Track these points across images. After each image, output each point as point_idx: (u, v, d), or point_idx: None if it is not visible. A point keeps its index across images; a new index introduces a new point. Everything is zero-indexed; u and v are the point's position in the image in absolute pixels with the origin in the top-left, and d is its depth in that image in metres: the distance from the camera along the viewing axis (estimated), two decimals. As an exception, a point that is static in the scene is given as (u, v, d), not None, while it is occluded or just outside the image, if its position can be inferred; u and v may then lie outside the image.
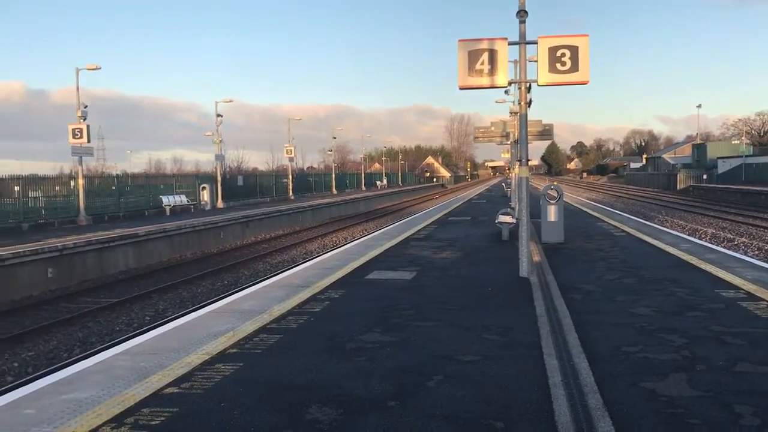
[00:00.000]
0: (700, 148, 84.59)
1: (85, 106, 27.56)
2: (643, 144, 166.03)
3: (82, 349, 11.32)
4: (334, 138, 70.24)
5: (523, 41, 10.29)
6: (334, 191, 63.88)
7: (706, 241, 20.36)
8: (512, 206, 22.87)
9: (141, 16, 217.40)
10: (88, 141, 27.63)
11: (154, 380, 5.59)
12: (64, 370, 6.14)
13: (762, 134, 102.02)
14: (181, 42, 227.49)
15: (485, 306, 8.58)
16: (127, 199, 33.37)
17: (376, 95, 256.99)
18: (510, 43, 10.23)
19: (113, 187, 33.76)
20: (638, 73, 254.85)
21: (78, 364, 6.36)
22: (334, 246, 24.59)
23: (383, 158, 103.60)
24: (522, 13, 10.17)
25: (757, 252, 20.13)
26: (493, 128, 23.87)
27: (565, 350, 6.30)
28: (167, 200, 34.74)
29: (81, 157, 28.09)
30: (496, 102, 27.17)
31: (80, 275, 18.63)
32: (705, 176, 68.44)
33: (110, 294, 16.55)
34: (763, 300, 8.32)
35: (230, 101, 41.50)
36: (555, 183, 19.81)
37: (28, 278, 16.86)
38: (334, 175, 66.54)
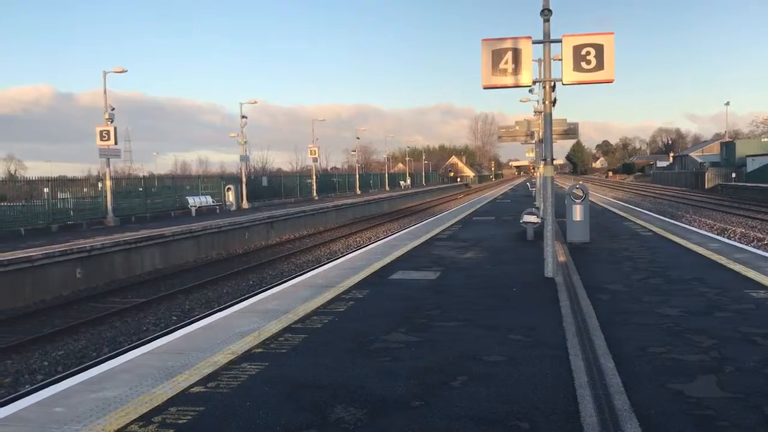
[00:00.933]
0: (728, 146, 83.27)
1: (112, 109, 27.96)
2: (670, 142, 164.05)
3: (110, 349, 11.48)
4: (358, 138, 70.45)
5: (547, 40, 10.23)
6: (358, 191, 64.01)
7: (735, 240, 20.05)
8: (537, 206, 22.72)
9: (164, 19, 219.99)
10: (115, 143, 28.03)
11: (181, 379, 5.65)
12: (92, 369, 6.24)
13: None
14: (204, 44, 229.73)
15: (510, 306, 8.54)
16: (154, 200, 33.79)
17: (399, 95, 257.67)
18: (534, 42, 10.18)
19: (140, 189, 34.23)
20: (665, 70, 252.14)
21: (106, 363, 6.45)
22: (358, 246, 24.65)
23: (407, 158, 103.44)
24: (546, 12, 10.12)
25: (787, 251, 19.78)
26: (517, 127, 23.71)
27: (591, 351, 6.25)
28: (193, 201, 35.10)
29: (108, 158, 28.49)
30: (521, 101, 27.08)
31: (108, 275, 18.89)
32: (734, 175, 67.33)
33: (137, 294, 16.75)
34: (794, 300, 8.18)
35: (254, 102, 41.83)
36: (580, 182, 19.64)
37: (58, 278, 17.13)
38: (357, 176, 66.67)
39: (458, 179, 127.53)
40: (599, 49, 9.91)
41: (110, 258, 19.22)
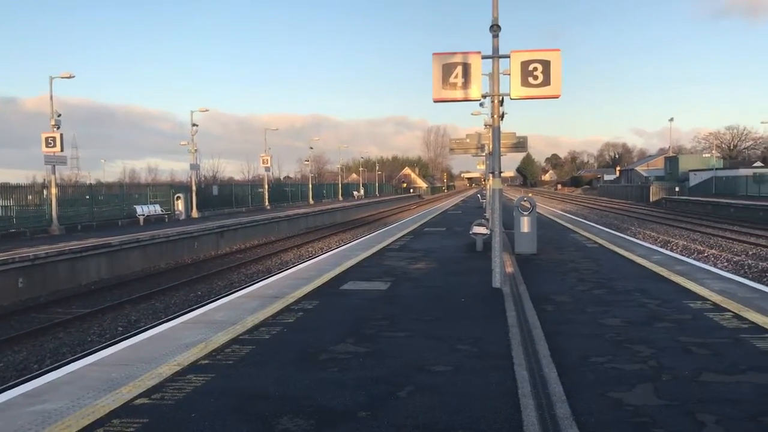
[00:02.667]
0: (672, 161, 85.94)
1: (59, 115, 27.34)
2: (617, 156, 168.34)
3: (52, 360, 11.18)
4: (311, 148, 70.44)
5: (496, 55, 10.43)
6: (311, 201, 63.81)
7: (677, 252, 20.67)
8: (487, 217, 23.01)
9: (115, 23, 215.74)
10: (62, 150, 27.40)
11: (125, 391, 5.56)
12: (33, 381, 6.09)
13: (732, 148, 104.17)
14: (156, 50, 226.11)
15: (458, 316, 8.65)
16: (101, 208, 33.05)
17: (353, 106, 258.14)
18: (483, 57, 10.36)
19: (87, 197, 33.40)
20: (614, 86, 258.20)
21: (48, 375, 6.31)
22: (309, 256, 24.56)
23: (360, 168, 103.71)
24: (495, 28, 10.33)
25: (725, 263, 20.51)
26: (468, 140, 24.01)
27: (535, 360, 6.38)
28: (141, 210, 34.50)
29: (54, 165, 27.82)
30: (472, 114, 27.45)
31: (52, 285, 18.40)
32: (677, 189, 69.48)
33: (82, 304, 16.35)
34: (728, 311, 8.49)
35: (206, 110, 41.43)
36: (529, 194, 20.00)
37: (-2, 288, 16.61)
38: (311, 185, 66.46)
39: (411, 190, 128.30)
40: (546, 65, 10.15)
41: (54, 267, 18.72)
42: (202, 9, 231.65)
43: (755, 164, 79.71)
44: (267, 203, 52.30)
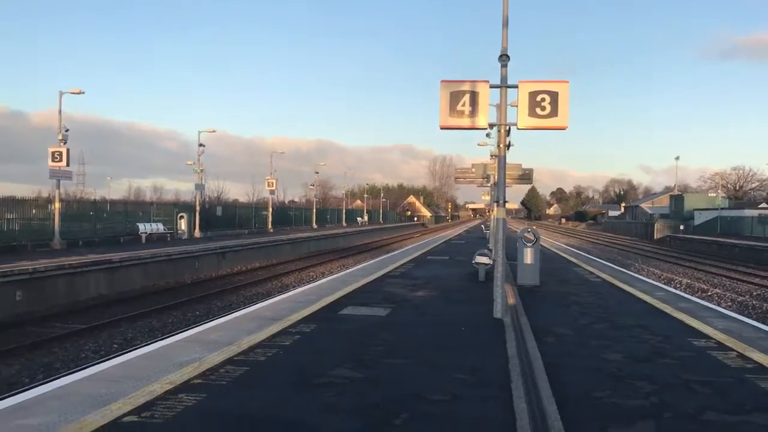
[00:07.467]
0: (677, 199, 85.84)
1: (66, 130, 27.48)
2: (622, 193, 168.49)
3: (45, 375, 11.04)
4: (317, 173, 70.55)
5: (504, 85, 10.43)
6: (315, 226, 63.78)
7: (680, 290, 20.48)
8: (490, 248, 22.92)
9: (125, 42, 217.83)
10: (68, 165, 27.47)
11: (114, 408, 5.45)
12: (21, 394, 5.99)
13: (737, 188, 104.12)
14: (165, 70, 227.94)
15: (458, 345, 8.52)
16: (104, 225, 33.03)
17: (360, 132, 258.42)
18: (491, 86, 10.36)
19: (90, 213, 33.44)
20: (622, 122, 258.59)
21: (37, 388, 6.20)
22: (310, 280, 24.42)
23: (365, 195, 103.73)
24: (504, 58, 10.34)
25: (729, 303, 20.31)
26: (473, 170, 24.06)
27: (535, 393, 6.24)
28: (143, 227, 34.52)
29: (59, 180, 27.86)
30: (479, 145, 27.49)
31: (50, 300, 18.29)
32: (682, 227, 69.29)
33: (80, 320, 16.23)
34: (733, 350, 8.34)
35: (213, 131, 41.68)
36: (533, 226, 19.92)
37: (-4, 300, 16.50)
38: (315, 210, 66.54)
39: (415, 219, 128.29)
40: (554, 96, 10.15)
41: (53, 282, 18.63)
42: (211, 32, 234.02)
43: (761, 205, 79.42)
44: (270, 226, 52.28)
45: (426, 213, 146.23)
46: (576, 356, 7.98)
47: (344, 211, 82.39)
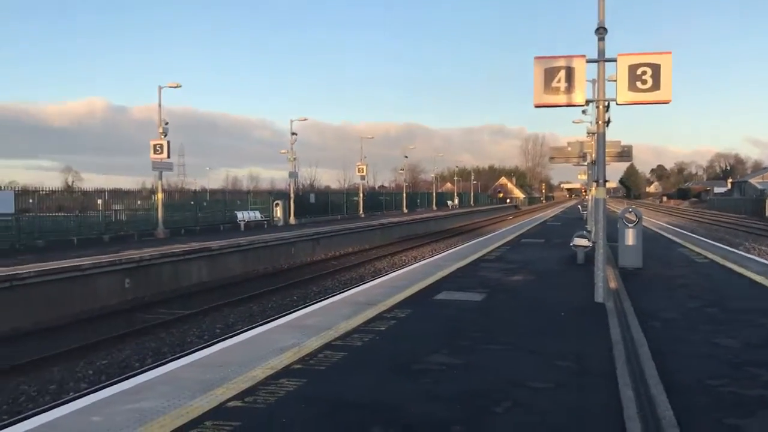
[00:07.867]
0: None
1: (166, 123, 28.58)
2: (728, 168, 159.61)
3: (153, 359, 11.55)
4: (406, 157, 70.52)
5: (601, 59, 9.97)
6: (405, 210, 63.94)
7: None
8: (588, 229, 22.22)
9: (217, 35, 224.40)
10: (168, 156, 28.60)
11: (218, 393, 5.58)
12: (132, 379, 6.23)
13: None
14: (257, 61, 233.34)
15: (557, 331, 8.27)
16: (204, 213, 34.34)
17: (448, 114, 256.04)
18: (588, 61, 9.94)
19: (191, 202, 34.83)
20: (727, 92, 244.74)
21: (146, 374, 6.45)
22: (402, 265, 24.49)
23: (455, 178, 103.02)
24: (601, 30, 9.88)
25: None
26: (569, 148, 23.30)
27: (642, 381, 5.95)
28: (241, 215, 35.60)
29: (161, 171, 29.09)
30: (573, 122, 26.55)
31: (156, 286, 19.15)
32: (796, 203, 65.00)
33: (183, 306, 16.90)
34: None
35: (305, 119, 42.27)
36: (633, 206, 19.13)
37: (106, 288, 17.42)
38: (405, 194, 66.61)
39: (507, 201, 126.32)
40: (656, 68, 9.62)
41: (158, 269, 19.49)
42: (298, 20, 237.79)
43: None
44: (361, 212, 52.82)
45: (519, 194, 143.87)
46: (685, 342, 7.57)
47: (434, 194, 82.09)
